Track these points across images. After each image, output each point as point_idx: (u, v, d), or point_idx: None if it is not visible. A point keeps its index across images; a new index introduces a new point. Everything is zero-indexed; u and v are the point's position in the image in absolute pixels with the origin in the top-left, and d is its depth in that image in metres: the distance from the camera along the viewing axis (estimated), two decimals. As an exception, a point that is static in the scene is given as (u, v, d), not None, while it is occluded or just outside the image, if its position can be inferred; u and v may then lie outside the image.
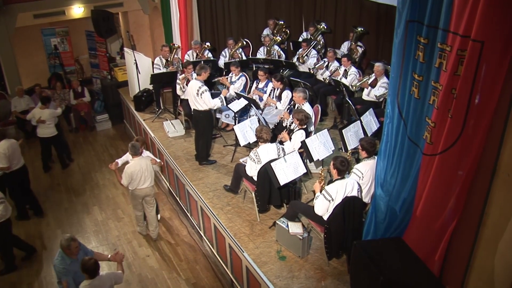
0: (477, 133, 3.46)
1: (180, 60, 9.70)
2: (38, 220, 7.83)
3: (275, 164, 5.50)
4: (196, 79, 7.02)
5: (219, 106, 7.16)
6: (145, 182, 6.52)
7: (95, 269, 4.40)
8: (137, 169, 6.36)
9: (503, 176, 3.45)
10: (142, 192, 6.63)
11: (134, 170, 6.34)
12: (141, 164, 6.40)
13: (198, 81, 6.96)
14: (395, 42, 4.12)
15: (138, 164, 6.38)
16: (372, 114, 6.74)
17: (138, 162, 6.39)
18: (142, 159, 6.47)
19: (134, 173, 6.35)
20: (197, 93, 6.89)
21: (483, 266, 3.81)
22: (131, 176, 6.36)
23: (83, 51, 13.20)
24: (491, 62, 3.18)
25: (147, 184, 6.56)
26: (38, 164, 9.44)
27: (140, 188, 6.56)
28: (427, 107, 3.86)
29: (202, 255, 6.82)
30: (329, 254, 5.08)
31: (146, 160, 6.52)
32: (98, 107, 11.62)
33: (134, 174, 6.35)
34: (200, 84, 6.92)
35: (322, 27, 10.08)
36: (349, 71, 8.48)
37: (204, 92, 6.88)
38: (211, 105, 7.00)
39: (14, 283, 6.48)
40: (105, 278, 4.58)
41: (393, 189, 4.46)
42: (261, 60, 9.53)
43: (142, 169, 6.40)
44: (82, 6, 11.47)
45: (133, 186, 6.52)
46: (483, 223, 3.71)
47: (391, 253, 4.18)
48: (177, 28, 10.27)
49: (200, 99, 6.92)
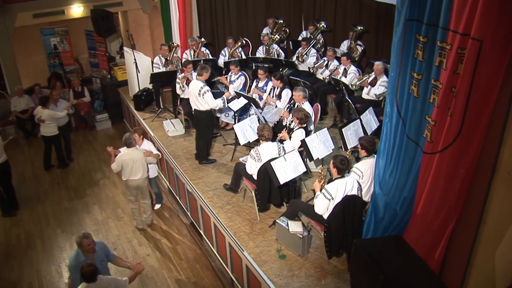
0: (476, 131, 3.46)
1: (180, 59, 9.69)
2: (38, 219, 7.84)
3: (275, 163, 5.50)
4: (197, 79, 7.02)
5: (221, 106, 7.18)
6: (136, 174, 6.68)
7: (92, 276, 4.39)
8: (128, 158, 6.55)
9: (503, 175, 3.45)
10: (134, 183, 6.78)
11: (125, 159, 6.55)
12: (133, 155, 6.57)
13: (199, 81, 6.95)
14: (394, 41, 4.12)
15: (131, 155, 6.56)
16: (372, 113, 6.74)
17: (131, 153, 6.57)
18: (135, 151, 6.64)
19: (125, 162, 6.56)
20: (199, 94, 6.89)
21: (483, 264, 3.81)
22: (122, 165, 6.57)
23: (83, 51, 13.20)
24: (491, 60, 3.18)
25: (139, 176, 6.71)
26: (38, 163, 9.46)
27: (132, 179, 6.73)
28: (427, 106, 3.86)
29: (202, 254, 6.82)
30: (329, 252, 5.09)
31: (139, 153, 6.68)
32: (98, 106, 11.63)
33: (124, 163, 6.56)
34: (201, 84, 6.92)
35: (322, 26, 10.08)
36: (349, 70, 8.48)
37: (206, 93, 6.88)
38: (213, 106, 7.01)
39: (15, 282, 6.49)
40: (104, 282, 4.56)
41: (391, 187, 4.46)
42: (260, 59, 9.53)
43: (134, 159, 6.57)
44: (81, 6, 11.47)
45: (125, 176, 6.73)
46: (483, 221, 3.71)
47: (391, 252, 4.18)
48: (177, 27, 10.27)
49: (201, 100, 6.92)
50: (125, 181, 6.82)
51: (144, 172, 6.77)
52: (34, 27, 11.70)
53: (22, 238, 7.39)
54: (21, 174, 9.30)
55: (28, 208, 8.06)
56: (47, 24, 11.91)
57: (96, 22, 10.76)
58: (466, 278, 3.98)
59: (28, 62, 12.34)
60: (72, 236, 7.21)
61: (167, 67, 9.26)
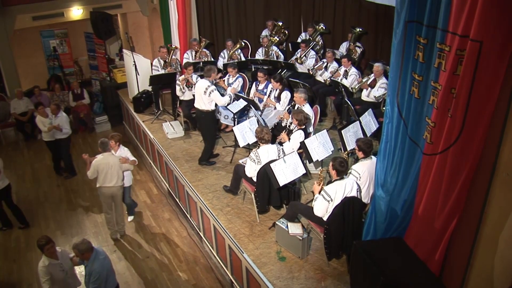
0: (476, 132, 3.46)
1: (178, 61, 9.71)
2: (37, 221, 7.84)
3: (275, 165, 5.50)
4: (204, 79, 7.10)
5: (229, 102, 7.25)
6: (111, 180, 6.64)
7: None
8: (104, 163, 6.52)
9: (503, 176, 3.45)
10: (109, 191, 6.74)
11: (100, 164, 6.52)
12: (109, 160, 6.55)
13: (206, 80, 7.02)
14: (394, 43, 4.12)
15: (107, 159, 6.54)
16: (371, 115, 6.74)
17: (107, 157, 6.55)
18: (111, 156, 6.62)
19: (100, 167, 6.53)
20: (205, 92, 6.93)
21: (483, 265, 3.81)
22: (97, 170, 6.54)
23: (82, 53, 13.22)
24: (490, 61, 3.18)
25: (113, 183, 6.67)
26: (37, 166, 9.46)
27: (106, 186, 6.68)
28: (427, 107, 3.87)
29: (202, 256, 6.81)
30: (329, 254, 5.08)
31: (115, 158, 6.64)
32: (97, 108, 11.63)
33: (100, 168, 6.54)
34: (208, 83, 6.97)
35: (321, 27, 10.09)
36: (350, 72, 8.49)
37: (213, 91, 6.94)
38: (221, 103, 7.11)
39: (14, 284, 6.48)
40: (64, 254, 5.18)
41: (393, 189, 4.46)
42: (259, 61, 9.54)
43: (109, 165, 6.54)
44: (81, 8, 11.49)
45: (99, 183, 6.68)
46: (483, 222, 3.71)
47: (391, 253, 4.18)
48: (176, 29, 10.28)
49: (207, 98, 6.96)
50: (99, 188, 6.74)
51: (119, 180, 6.71)
52: (33, 30, 11.72)
53: (21, 241, 7.38)
54: (20, 176, 9.30)
55: (27, 210, 8.05)
56: (47, 26, 11.92)
57: (95, 24, 10.76)
58: (466, 279, 3.98)
59: (28, 64, 12.35)
60: (72, 238, 7.22)
61: (166, 69, 9.27)
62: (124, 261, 6.80)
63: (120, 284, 6.33)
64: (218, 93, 7.01)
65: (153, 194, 8.49)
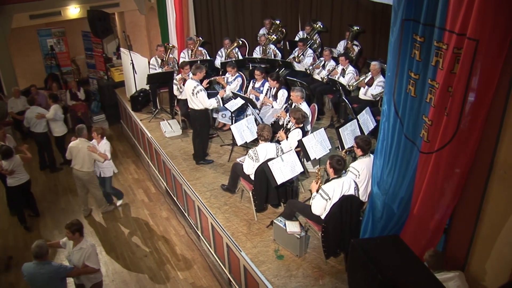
0: (472, 130, 3.48)
1: (176, 59, 9.69)
2: (35, 220, 7.82)
3: (272, 163, 5.51)
4: (192, 79, 7.03)
5: (215, 106, 7.16)
6: (78, 164, 7.14)
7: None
8: (74, 146, 7.09)
9: (500, 173, 3.47)
10: (75, 173, 7.27)
11: (72, 147, 7.12)
12: (79, 145, 7.06)
13: (193, 81, 6.97)
14: (391, 41, 4.13)
15: (77, 144, 7.08)
16: (368, 113, 6.75)
17: (78, 142, 7.09)
18: (83, 142, 7.08)
19: (71, 149, 7.14)
20: (193, 93, 6.90)
21: (480, 262, 3.83)
22: (70, 152, 7.16)
23: (80, 52, 13.17)
24: (486, 60, 3.19)
25: (78, 167, 7.16)
26: (35, 164, 9.42)
27: (74, 168, 7.23)
28: (424, 105, 3.87)
29: (199, 255, 6.82)
30: (326, 252, 5.10)
31: (84, 145, 7.05)
32: (95, 107, 11.61)
33: (71, 150, 7.14)
34: (195, 83, 6.93)
35: (318, 26, 10.09)
36: (347, 70, 8.49)
37: (200, 92, 6.88)
38: (206, 105, 7.01)
39: (13, 283, 6.46)
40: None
41: (390, 187, 4.47)
42: (257, 59, 9.54)
43: (78, 148, 7.05)
44: (78, 7, 11.44)
45: (72, 164, 7.26)
46: (480, 220, 3.73)
47: (388, 251, 4.18)
48: (174, 28, 10.25)
49: (195, 99, 6.93)
50: (71, 168, 7.30)
51: (84, 166, 7.13)
52: (30, 28, 11.67)
53: (19, 240, 7.37)
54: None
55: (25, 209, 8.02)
56: (44, 25, 11.87)
57: (92, 23, 10.74)
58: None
59: (25, 63, 12.31)
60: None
61: (163, 68, 9.26)
62: (122, 260, 6.80)
63: (118, 283, 6.36)
64: (204, 94, 6.96)
65: (151, 193, 8.49)
